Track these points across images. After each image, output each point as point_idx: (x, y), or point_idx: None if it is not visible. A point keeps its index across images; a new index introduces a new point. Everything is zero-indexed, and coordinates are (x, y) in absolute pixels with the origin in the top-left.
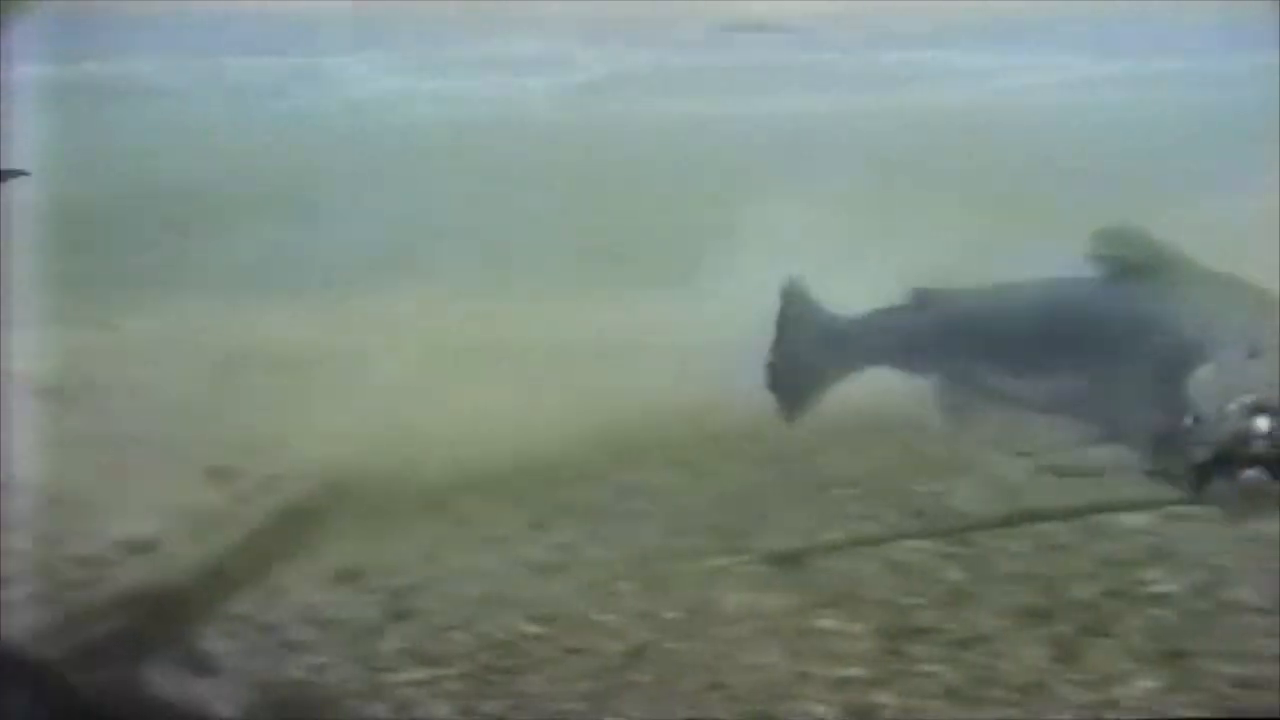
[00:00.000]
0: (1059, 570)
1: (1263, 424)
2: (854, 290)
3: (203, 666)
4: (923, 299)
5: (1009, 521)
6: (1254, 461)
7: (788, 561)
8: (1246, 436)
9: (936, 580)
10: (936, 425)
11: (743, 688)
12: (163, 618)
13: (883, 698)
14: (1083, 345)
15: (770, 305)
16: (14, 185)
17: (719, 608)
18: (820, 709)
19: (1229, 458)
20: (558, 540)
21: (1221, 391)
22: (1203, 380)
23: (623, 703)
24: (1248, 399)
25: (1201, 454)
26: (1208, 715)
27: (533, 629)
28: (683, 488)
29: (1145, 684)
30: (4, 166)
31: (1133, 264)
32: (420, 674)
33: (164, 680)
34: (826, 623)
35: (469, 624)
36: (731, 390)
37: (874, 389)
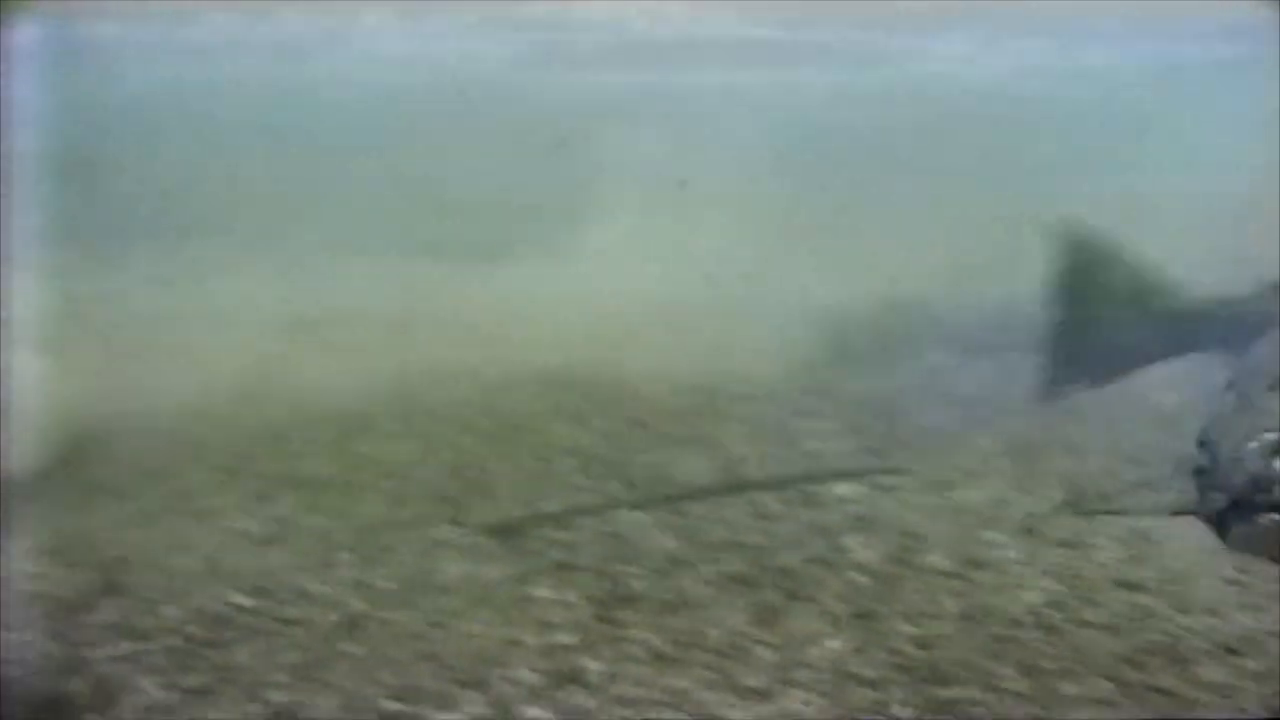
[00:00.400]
0: (768, 538)
1: None
2: None
3: None
4: None
5: (721, 491)
6: (1275, 508)
7: (507, 532)
8: (1266, 482)
9: (651, 549)
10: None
11: (453, 657)
12: None
13: (590, 663)
14: None
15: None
16: None
17: (436, 578)
18: (527, 675)
19: (1249, 504)
20: (278, 512)
21: (1241, 427)
22: (1223, 414)
23: (332, 674)
24: (1270, 437)
25: (1219, 501)
26: (891, 672)
27: (245, 601)
28: (412, 459)
29: (834, 645)
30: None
31: None
32: (125, 648)
33: None
34: (541, 592)
35: (181, 597)
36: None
37: (601, 363)
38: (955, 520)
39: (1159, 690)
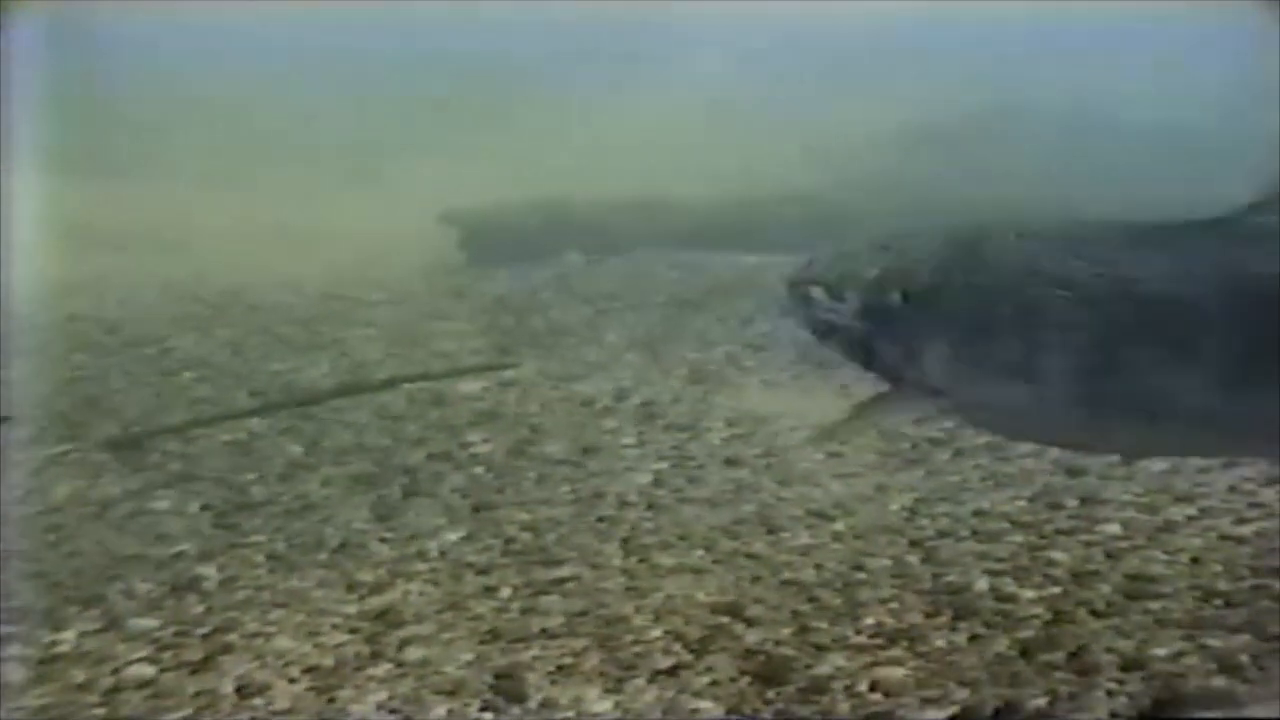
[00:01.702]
0: (392, 439)
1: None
2: None
3: None
4: None
5: (341, 393)
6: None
7: (125, 447)
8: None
9: (274, 456)
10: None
11: (64, 575)
12: None
13: (208, 570)
14: None
15: None
16: None
17: (48, 497)
18: (145, 587)
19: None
20: None
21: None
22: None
23: None
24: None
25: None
26: (502, 558)
27: None
28: (24, 376)
29: (450, 536)
30: None
31: None
32: None
33: None
34: (160, 504)
35: None
36: None
37: (227, 272)
38: (576, 411)
39: (750, 556)
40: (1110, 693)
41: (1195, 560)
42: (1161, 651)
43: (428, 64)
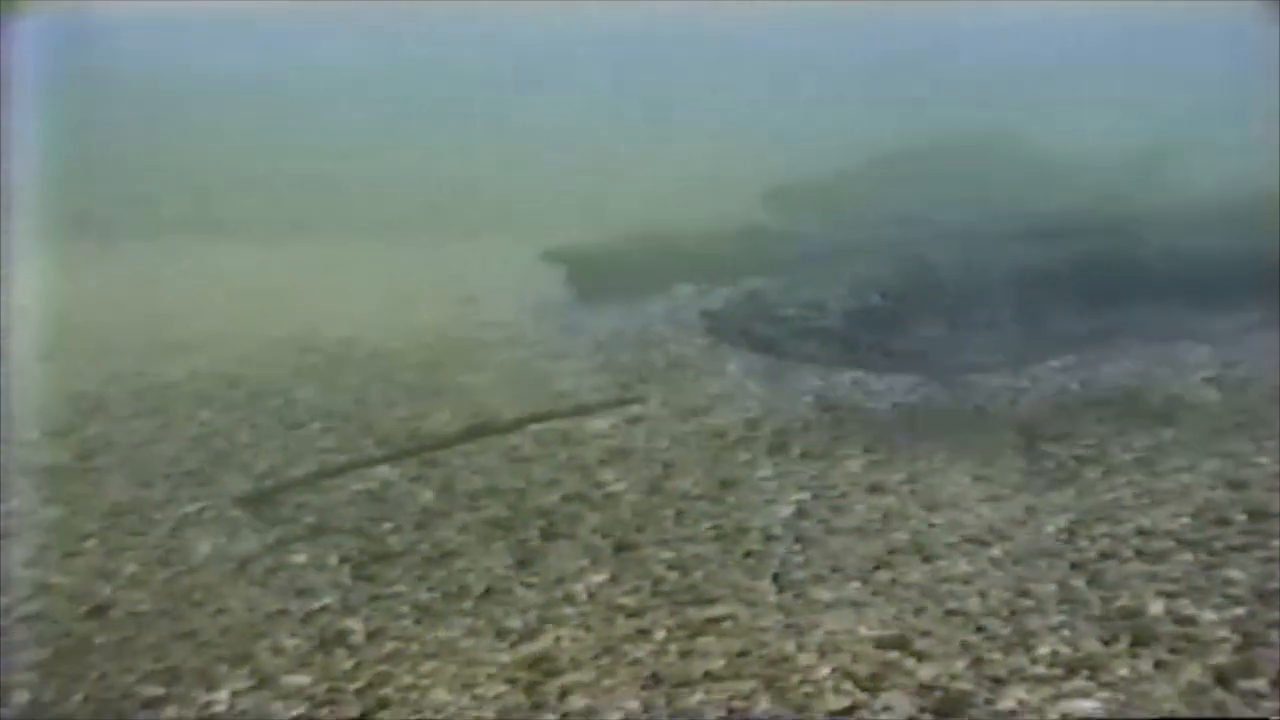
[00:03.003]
0: (524, 480)
1: None
2: None
3: None
4: None
5: (466, 436)
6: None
7: (257, 501)
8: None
9: (406, 504)
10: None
11: (212, 633)
12: None
13: (353, 623)
14: None
15: None
16: None
17: (187, 556)
18: (291, 643)
19: None
20: (11, 506)
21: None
22: None
23: (82, 666)
24: None
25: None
26: (651, 599)
27: None
28: (153, 436)
29: (595, 579)
30: None
31: None
32: None
33: None
34: (298, 558)
35: None
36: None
37: (347, 322)
38: (706, 445)
39: (908, 586)
40: None
41: None
42: None
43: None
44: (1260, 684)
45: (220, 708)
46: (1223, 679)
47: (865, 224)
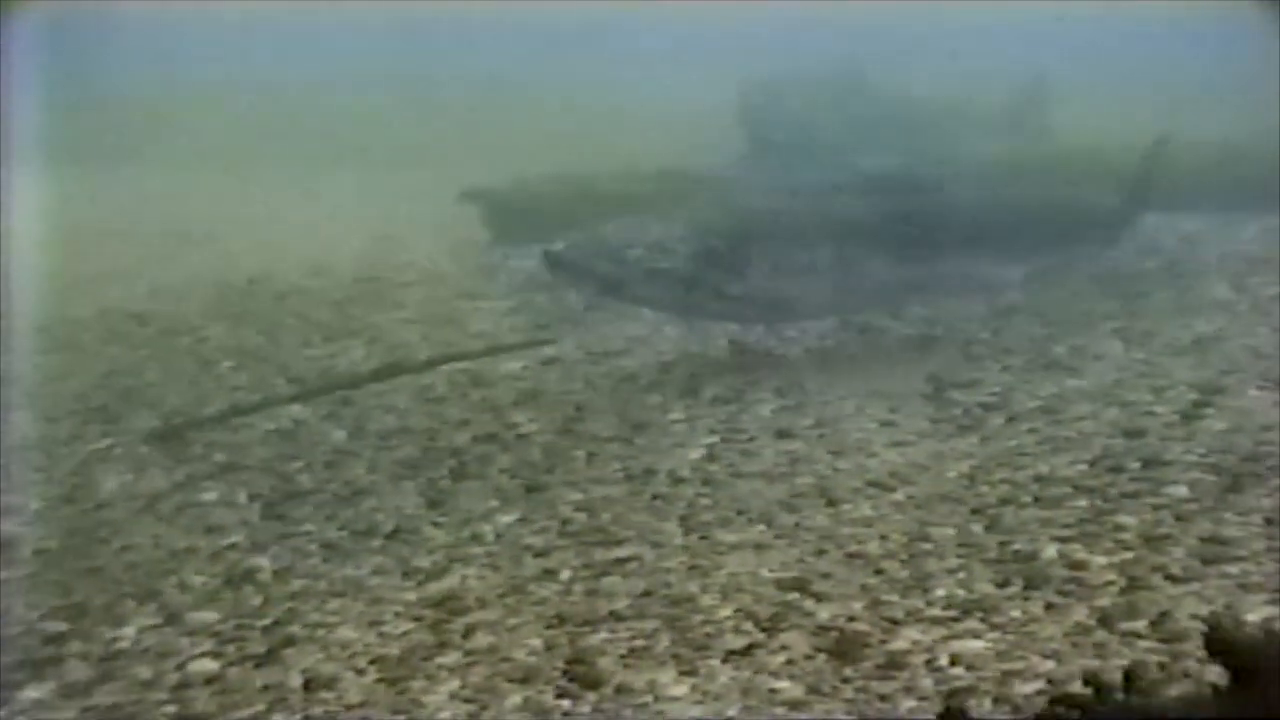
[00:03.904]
0: (437, 421)
1: None
2: None
3: None
4: None
5: (378, 376)
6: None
7: (168, 439)
8: None
9: (318, 443)
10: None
11: (118, 569)
12: None
13: (261, 560)
14: None
15: None
16: None
17: (94, 492)
18: (199, 580)
19: None
20: None
21: None
22: None
23: None
24: None
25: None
26: (559, 539)
27: None
28: (60, 372)
29: (504, 519)
30: None
31: None
32: None
33: None
34: (207, 496)
35: None
36: None
37: (262, 258)
38: (619, 387)
39: (810, 529)
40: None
41: (1269, 521)
42: (1254, 618)
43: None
44: (1140, 625)
45: (126, 644)
46: (1105, 620)
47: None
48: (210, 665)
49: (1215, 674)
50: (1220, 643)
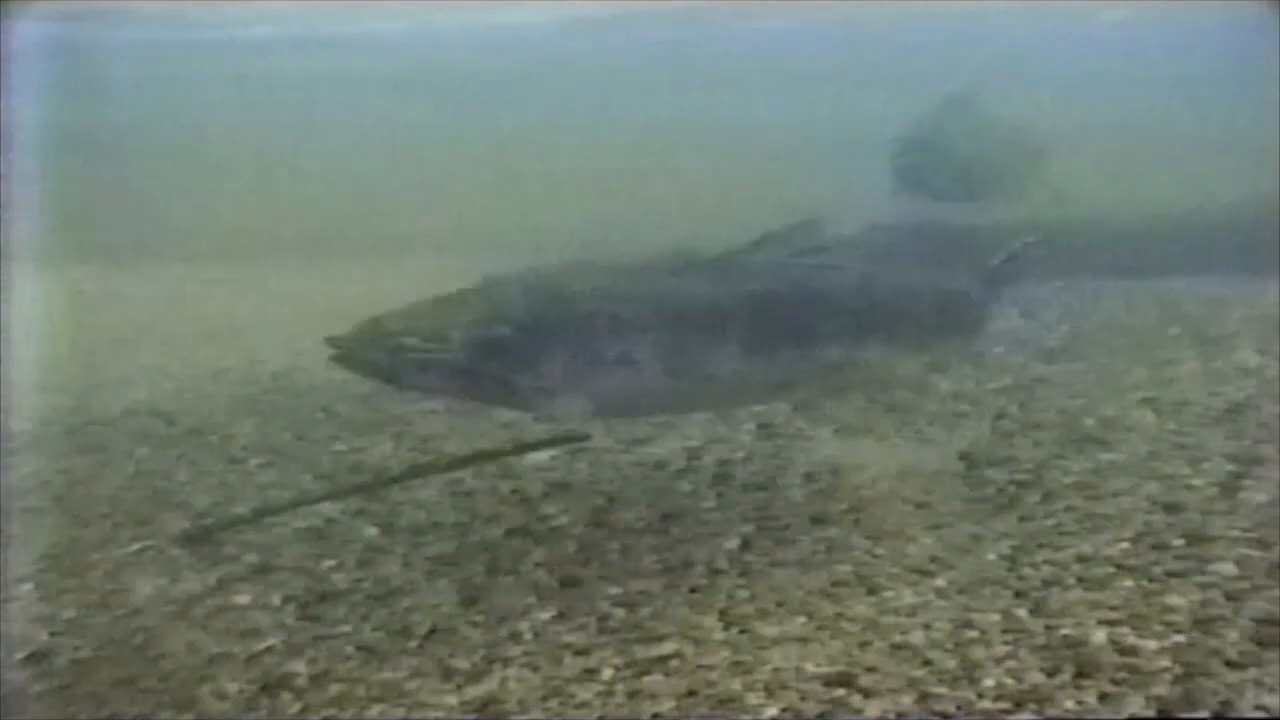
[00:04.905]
0: (468, 515)
1: None
2: None
3: None
4: None
5: (412, 473)
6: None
7: (198, 541)
8: None
9: (350, 540)
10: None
11: (153, 678)
12: None
13: (297, 666)
14: None
15: None
16: None
17: (127, 598)
18: (234, 687)
19: None
20: None
21: None
22: None
23: (17, 715)
24: None
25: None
26: (598, 636)
27: None
28: (89, 474)
29: (542, 616)
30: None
31: None
32: None
33: None
34: (241, 599)
35: None
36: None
37: (286, 352)
38: (650, 476)
39: (851, 619)
40: None
41: None
42: None
43: None
44: (1202, 714)
45: None
46: (1164, 710)
47: None
48: None
49: None
50: None
